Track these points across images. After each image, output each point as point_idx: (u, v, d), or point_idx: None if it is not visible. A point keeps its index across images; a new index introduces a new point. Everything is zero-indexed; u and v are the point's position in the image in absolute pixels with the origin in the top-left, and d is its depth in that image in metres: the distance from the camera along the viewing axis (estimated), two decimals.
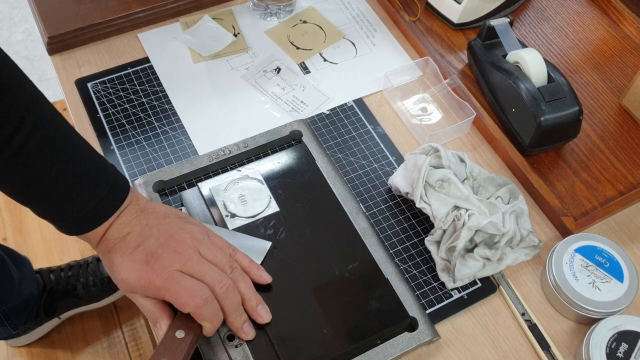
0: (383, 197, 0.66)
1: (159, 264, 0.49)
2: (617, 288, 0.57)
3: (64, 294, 1.15)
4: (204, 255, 0.51)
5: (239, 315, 0.51)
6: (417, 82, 0.77)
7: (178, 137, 0.70)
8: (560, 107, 0.66)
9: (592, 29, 0.84)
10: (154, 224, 0.52)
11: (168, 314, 0.51)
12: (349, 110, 0.73)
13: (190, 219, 0.55)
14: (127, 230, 0.51)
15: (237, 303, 0.51)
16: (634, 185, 0.68)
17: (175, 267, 0.49)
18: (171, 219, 0.53)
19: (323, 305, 0.55)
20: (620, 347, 0.54)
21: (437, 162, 0.62)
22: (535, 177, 0.67)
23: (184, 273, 0.49)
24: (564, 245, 0.60)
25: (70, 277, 1.16)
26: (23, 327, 1.14)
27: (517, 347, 0.58)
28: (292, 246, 0.58)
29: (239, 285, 0.52)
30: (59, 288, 1.14)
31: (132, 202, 0.53)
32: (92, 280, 1.15)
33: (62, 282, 1.15)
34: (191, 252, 0.51)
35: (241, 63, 0.77)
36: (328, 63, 0.79)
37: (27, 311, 1.11)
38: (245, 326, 0.52)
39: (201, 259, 0.51)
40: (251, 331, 0.52)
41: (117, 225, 0.51)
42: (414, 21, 0.83)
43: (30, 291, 1.08)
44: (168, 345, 0.49)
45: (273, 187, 0.62)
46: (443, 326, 0.58)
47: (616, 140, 0.72)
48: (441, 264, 0.60)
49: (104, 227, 0.51)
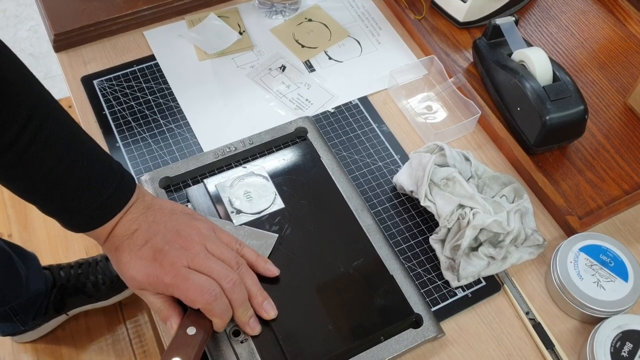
0: (387, 195, 0.66)
1: (166, 260, 0.49)
2: (621, 287, 0.57)
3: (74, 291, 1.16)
4: (211, 251, 0.51)
5: (245, 310, 0.52)
6: (422, 80, 0.77)
7: (183, 134, 0.70)
8: (566, 106, 0.66)
9: (598, 28, 0.84)
10: (161, 220, 0.52)
11: (178, 311, 0.51)
12: (353, 109, 0.74)
13: (197, 215, 0.55)
14: (134, 227, 0.51)
15: (243, 298, 0.51)
16: (639, 185, 0.68)
17: (183, 264, 0.50)
18: (177, 215, 0.53)
19: (328, 301, 0.55)
20: (624, 347, 0.54)
21: (442, 160, 0.63)
22: (540, 176, 0.67)
23: (191, 269, 0.50)
24: (569, 244, 0.60)
25: (80, 274, 1.17)
26: (32, 323, 1.14)
27: (521, 346, 0.58)
28: (297, 242, 0.58)
29: (245, 281, 0.52)
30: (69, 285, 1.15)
31: (138, 199, 0.53)
32: (101, 278, 1.16)
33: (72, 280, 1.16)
34: (198, 248, 0.51)
35: (246, 61, 0.78)
36: (333, 61, 0.79)
37: (36, 307, 1.11)
38: (251, 321, 0.52)
39: (208, 255, 0.51)
40: (257, 326, 0.52)
41: (124, 222, 0.52)
42: (420, 20, 0.83)
43: (38, 287, 1.08)
44: (180, 343, 0.49)
45: (278, 184, 0.62)
46: (447, 324, 0.58)
47: (621, 140, 0.72)
48: (445, 263, 0.60)
49: (111, 225, 0.51)
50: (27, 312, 1.10)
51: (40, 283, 1.09)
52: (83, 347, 1.21)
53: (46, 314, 1.15)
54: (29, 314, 1.11)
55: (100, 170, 0.50)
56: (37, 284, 1.08)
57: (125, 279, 0.51)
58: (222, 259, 0.52)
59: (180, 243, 0.51)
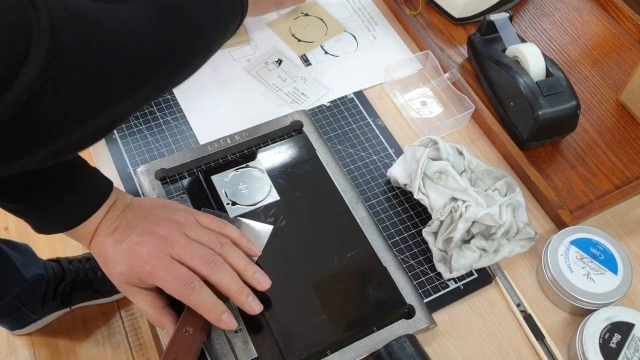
0: (382, 188, 0.67)
1: (146, 250, 0.50)
2: (611, 280, 0.58)
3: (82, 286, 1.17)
4: (191, 237, 0.52)
5: (238, 289, 0.51)
6: (417, 75, 0.78)
7: (180, 126, 0.71)
8: (558, 101, 0.66)
9: (591, 25, 0.85)
10: (140, 216, 0.53)
11: (171, 317, 0.52)
12: (349, 103, 0.74)
13: (175, 205, 0.56)
14: (114, 225, 0.52)
15: (229, 277, 0.51)
16: (629, 180, 0.69)
17: (165, 252, 0.50)
18: (156, 210, 0.54)
19: (321, 292, 0.56)
20: (613, 338, 0.55)
21: (436, 154, 0.63)
22: (533, 171, 0.68)
23: (173, 259, 0.50)
24: (560, 237, 0.61)
25: (88, 269, 1.18)
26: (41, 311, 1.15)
27: (512, 337, 0.58)
28: (292, 234, 0.59)
29: (231, 260, 0.52)
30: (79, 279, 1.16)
31: (118, 199, 0.54)
32: None
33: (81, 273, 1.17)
34: (177, 235, 0.51)
35: (243, 55, 0.78)
36: (329, 55, 0.79)
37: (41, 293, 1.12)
38: (249, 300, 0.51)
39: (188, 240, 0.51)
40: (256, 305, 0.51)
41: (105, 222, 0.52)
42: (415, 15, 0.83)
43: (37, 272, 1.09)
44: (177, 343, 0.50)
45: (274, 176, 0.63)
46: (439, 316, 0.59)
47: (613, 135, 0.73)
48: (438, 255, 0.61)
49: (94, 225, 0.52)
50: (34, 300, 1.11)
51: (38, 268, 1.09)
52: (79, 339, 1.22)
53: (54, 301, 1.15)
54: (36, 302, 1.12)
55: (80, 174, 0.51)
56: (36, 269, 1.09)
57: (112, 277, 0.52)
58: (203, 242, 0.52)
59: (160, 233, 0.51)
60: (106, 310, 1.25)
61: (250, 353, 0.52)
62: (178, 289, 0.49)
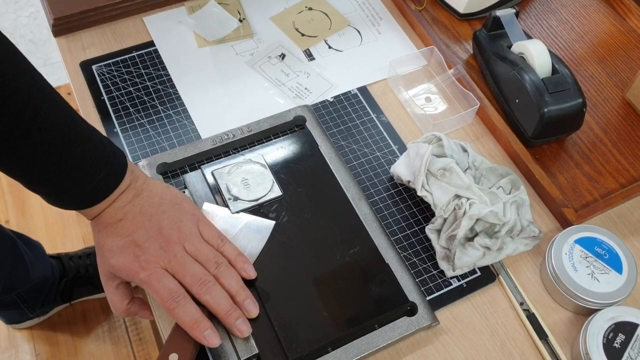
0: (385, 185, 0.66)
1: (144, 257, 0.51)
2: (615, 279, 0.58)
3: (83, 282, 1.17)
4: (189, 252, 0.52)
5: (227, 311, 0.51)
6: (422, 71, 0.77)
7: (182, 121, 0.70)
8: (564, 98, 0.66)
9: (598, 22, 0.84)
10: (147, 212, 0.53)
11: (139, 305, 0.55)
12: (352, 98, 0.74)
13: (184, 205, 0.55)
14: (119, 216, 0.53)
15: (219, 298, 0.51)
16: (635, 179, 0.69)
17: (160, 264, 0.51)
18: (164, 207, 0.54)
19: (323, 288, 0.55)
20: (617, 338, 0.54)
21: (440, 151, 0.63)
22: (537, 168, 0.67)
23: (167, 271, 0.51)
24: (564, 236, 0.60)
25: (89, 265, 1.17)
26: (39, 310, 1.15)
27: (515, 336, 0.58)
28: (294, 230, 0.59)
29: (223, 281, 0.52)
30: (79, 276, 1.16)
31: (130, 184, 0.54)
32: None
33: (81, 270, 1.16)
34: (176, 249, 0.52)
35: (246, 48, 0.78)
36: (333, 50, 0.79)
37: (43, 294, 1.12)
38: (237, 322, 0.51)
39: (185, 256, 0.52)
40: (245, 328, 0.51)
41: (111, 210, 0.53)
42: (420, 10, 0.83)
43: (43, 274, 1.09)
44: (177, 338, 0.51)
45: (276, 172, 0.62)
46: (442, 314, 0.59)
47: (619, 134, 0.73)
48: (441, 252, 0.60)
49: (101, 208, 0.52)
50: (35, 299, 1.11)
51: (46, 270, 1.09)
52: (79, 333, 1.22)
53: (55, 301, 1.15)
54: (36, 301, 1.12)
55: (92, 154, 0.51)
56: (43, 270, 1.08)
57: (102, 264, 0.52)
58: (199, 260, 0.52)
59: (160, 242, 0.52)
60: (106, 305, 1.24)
61: (252, 349, 0.51)
62: (164, 301, 0.50)
